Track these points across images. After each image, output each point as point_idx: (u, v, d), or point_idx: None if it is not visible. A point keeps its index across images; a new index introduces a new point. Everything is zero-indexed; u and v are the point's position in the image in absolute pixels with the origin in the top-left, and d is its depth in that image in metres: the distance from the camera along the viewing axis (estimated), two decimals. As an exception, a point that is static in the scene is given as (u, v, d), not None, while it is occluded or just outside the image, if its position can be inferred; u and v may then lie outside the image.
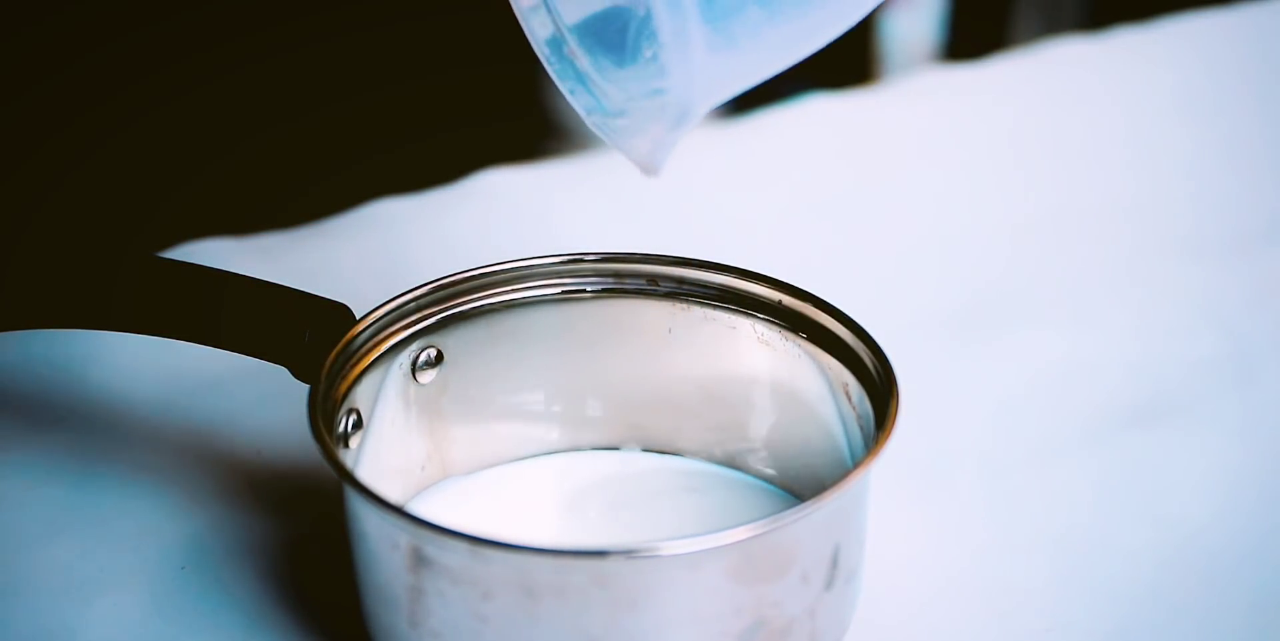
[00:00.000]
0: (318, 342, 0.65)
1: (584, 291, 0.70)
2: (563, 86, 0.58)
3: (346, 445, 0.65)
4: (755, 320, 0.69)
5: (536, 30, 0.58)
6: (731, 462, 0.72)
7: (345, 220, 0.90)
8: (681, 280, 0.69)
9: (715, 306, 0.69)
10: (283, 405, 0.75)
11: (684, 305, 0.69)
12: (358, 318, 0.66)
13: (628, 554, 0.57)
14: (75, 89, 0.91)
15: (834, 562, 0.61)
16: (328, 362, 0.64)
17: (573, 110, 0.61)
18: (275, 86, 0.92)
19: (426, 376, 0.69)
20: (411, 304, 0.68)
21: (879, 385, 0.64)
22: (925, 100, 1.04)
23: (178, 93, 0.92)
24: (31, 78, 0.91)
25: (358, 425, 0.66)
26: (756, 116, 1.01)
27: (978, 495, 0.74)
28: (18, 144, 0.92)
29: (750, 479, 0.72)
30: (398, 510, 0.59)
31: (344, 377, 0.65)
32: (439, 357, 0.69)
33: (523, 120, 0.88)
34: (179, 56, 0.91)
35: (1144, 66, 1.06)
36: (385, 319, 0.67)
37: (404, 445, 0.69)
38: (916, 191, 0.93)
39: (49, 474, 0.74)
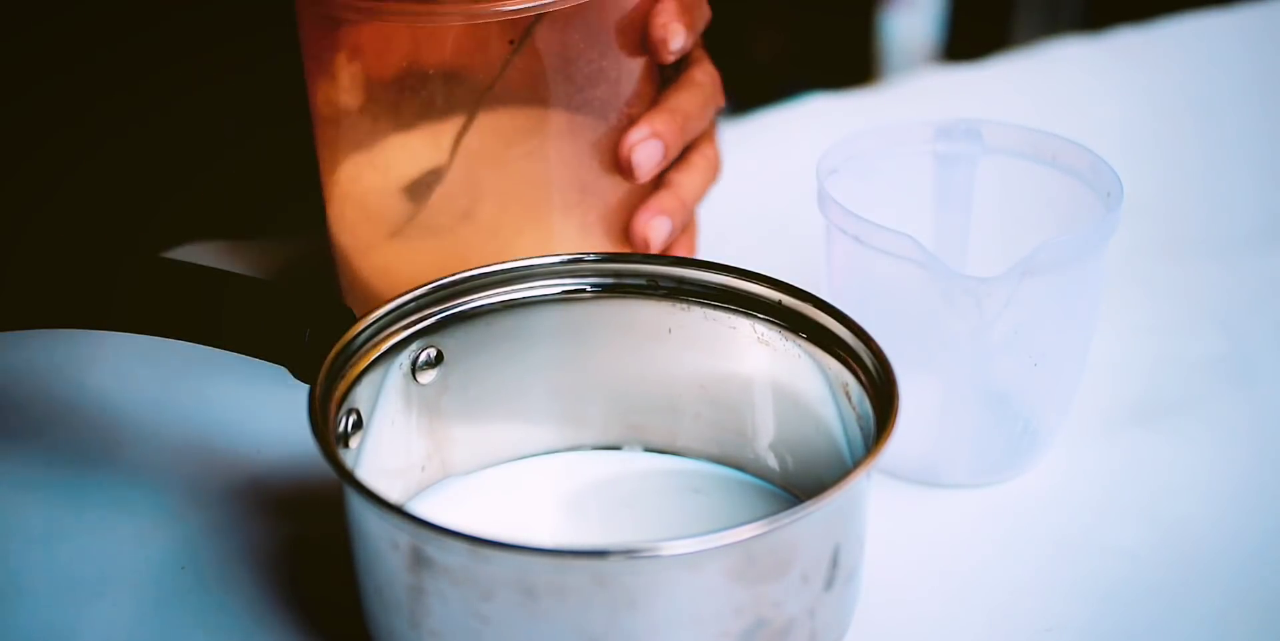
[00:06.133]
0: (318, 342, 0.65)
1: (584, 291, 0.70)
2: None
3: (346, 445, 0.65)
4: (755, 320, 0.69)
5: None
6: (731, 462, 0.72)
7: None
8: (681, 280, 0.69)
9: (715, 306, 0.69)
10: (283, 405, 0.74)
11: (684, 305, 0.69)
12: (358, 317, 0.66)
13: (628, 554, 0.57)
14: (75, 89, 0.91)
15: (834, 562, 0.61)
16: (328, 362, 0.64)
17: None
18: (277, 87, 0.92)
19: (426, 376, 0.69)
20: (411, 304, 0.68)
21: (879, 385, 0.64)
22: (925, 100, 1.04)
23: (179, 93, 0.92)
24: (31, 78, 0.91)
25: (358, 425, 0.66)
26: (756, 116, 1.01)
27: (977, 495, 0.74)
28: (18, 144, 0.92)
29: (750, 479, 0.72)
30: (398, 510, 0.59)
31: (344, 377, 0.65)
32: (439, 358, 0.69)
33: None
34: (179, 57, 0.91)
35: (1144, 67, 1.06)
36: (385, 319, 0.67)
37: (404, 445, 0.69)
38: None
39: (49, 474, 0.74)
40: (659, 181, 0.77)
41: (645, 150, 0.74)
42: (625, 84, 0.74)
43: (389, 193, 0.74)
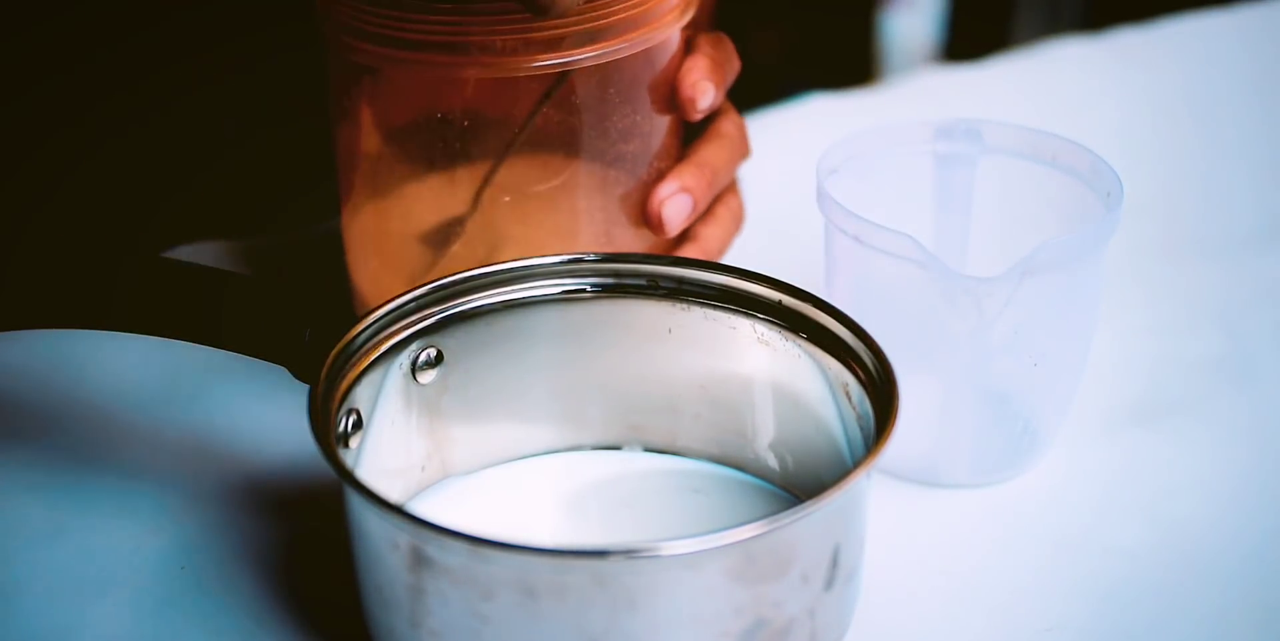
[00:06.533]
0: (318, 342, 0.65)
1: (584, 291, 0.70)
2: None
3: (346, 445, 0.65)
4: (755, 320, 0.69)
5: None
6: (731, 462, 0.72)
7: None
8: (681, 280, 0.69)
9: (715, 306, 0.69)
10: (283, 405, 0.74)
11: (684, 305, 0.69)
12: (358, 318, 0.66)
13: (628, 554, 0.57)
14: (75, 89, 0.91)
15: (834, 562, 0.61)
16: (328, 362, 0.64)
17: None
18: (277, 87, 0.92)
19: (426, 376, 0.69)
20: (411, 304, 0.68)
21: (879, 385, 0.64)
22: (925, 100, 1.04)
23: (178, 93, 0.92)
24: (31, 78, 0.91)
25: (358, 425, 0.66)
26: (757, 116, 1.01)
27: (977, 495, 0.74)
28: (18, 144, 0.92)
29: (750, 479, 0.72)
30: (398, 510, 0.59)
31: (344, 377, 0.65)
32: (439, 358, 0.69)
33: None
34: (179, 57, 0.91)
35: (1144, 67, 1.06)
36: (385, 319, 0.67)
37: (404, 445, 0.69)
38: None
39: (49, 474, 0.74)
40: (684, 234, 0.77)
41: (675, 205, 0.73)
42: (655, 138, 0.74)
43: (409, 241, 0.74)
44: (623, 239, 0.74)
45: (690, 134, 0.77)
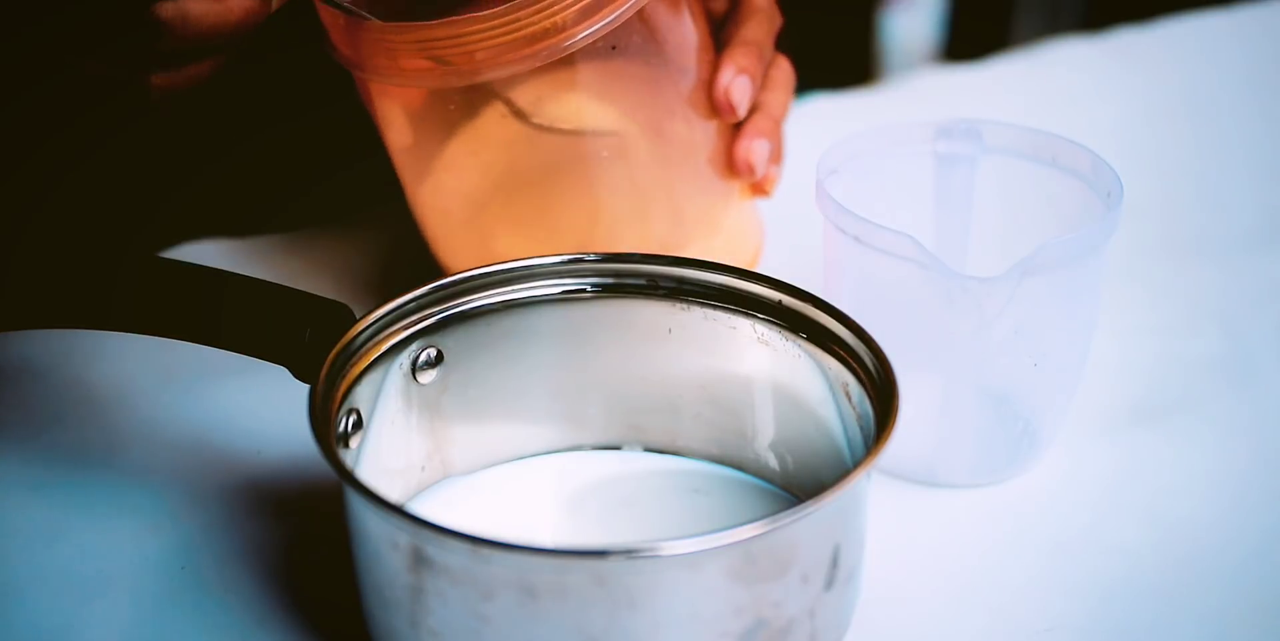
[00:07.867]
0: (318, 342, 0.65)
1: (584, 291, 0.70)
2: None
3: (346, 445, 0.65)
4: (755, 320, 0.69)
5: None
6: (731, 462, 0.72)
7: (345, 221, 0.90)
8: (681, 280, 0.69)
9: (715, 306, 0.69)
10: (283, 405, 0.74)
11: (684, 305, 0.69)
12: (358, 317, 0.66)
13: (628, 554, 0.57)
14: (75, 89, 0.91)
15: (834, 562, 0.61)
16: (328, 362, 0.64)
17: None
18: (276, 87, 0.92)
19: (426, 376, 0.69)
20: (411, 304, 0.68)
21: (879, 385, 0.64)
22: (925, 100, 1.04)
23: (178, 93, 0.92)
24: (31, 78, 0.91)
25: (358, 425, 0.66)
26: (756, 116, 1.01)
27: (977, 495, 0.74)
28: (18, 144, 0.92)
29: (750, 479, 0.72)
30: (398, 510, 0.59)
31: (344, 377, 0.65)
32: (439, 357, 0.69)
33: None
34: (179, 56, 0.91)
35: (1144, 67, 1.06)
36: (385, 319, 0.67)
37: (404, 445, 0.69)
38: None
39: (49, 474, 0.74)
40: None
41: (738, 88, 0.76)
42: (699, 39, 0.77)
43: (469, 210, 0.76)
44: (698, 138, 0.77)
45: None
